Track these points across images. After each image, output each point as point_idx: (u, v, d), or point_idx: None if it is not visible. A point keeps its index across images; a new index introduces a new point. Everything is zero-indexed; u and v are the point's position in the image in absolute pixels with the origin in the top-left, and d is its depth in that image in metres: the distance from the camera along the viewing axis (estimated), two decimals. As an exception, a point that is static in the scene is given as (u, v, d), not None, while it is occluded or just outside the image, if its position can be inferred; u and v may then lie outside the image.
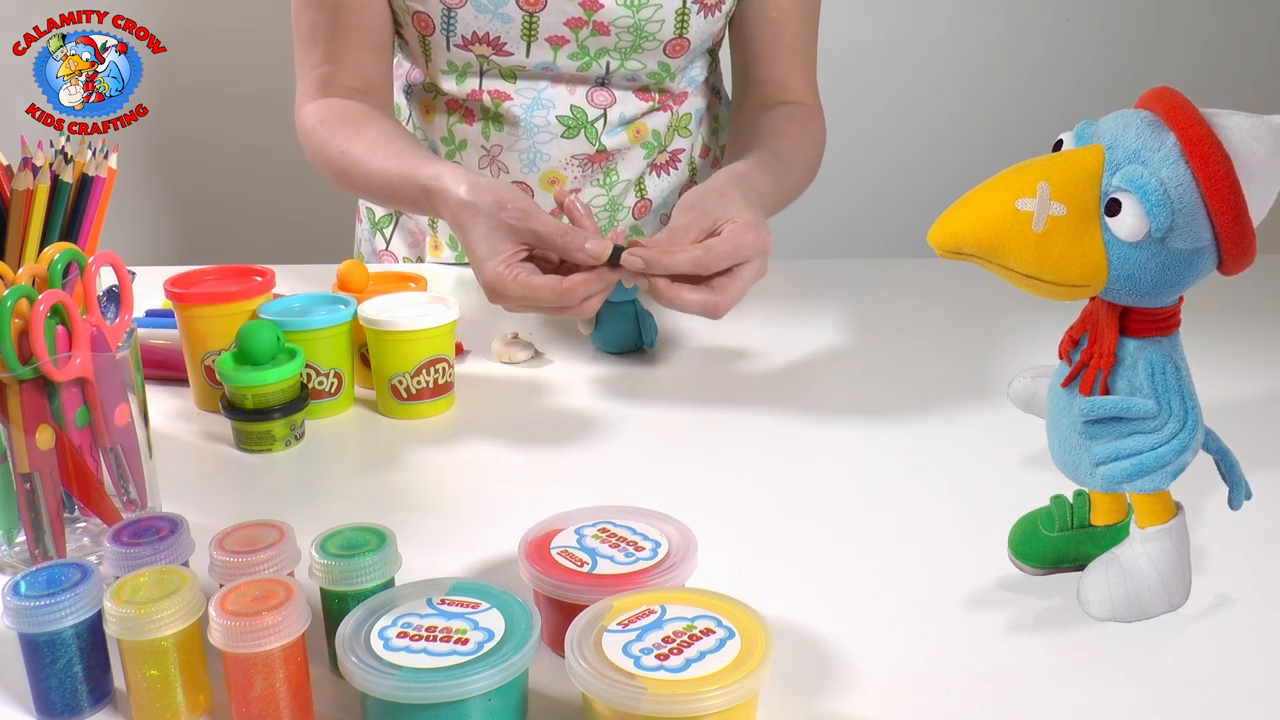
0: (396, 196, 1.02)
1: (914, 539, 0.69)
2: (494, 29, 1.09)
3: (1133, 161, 0.50)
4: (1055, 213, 0.50)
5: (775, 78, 1.19)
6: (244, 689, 0.51)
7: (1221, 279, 0.54)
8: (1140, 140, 0.51)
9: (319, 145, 1.11)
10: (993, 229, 0.51)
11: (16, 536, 0.66)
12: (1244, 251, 0.52)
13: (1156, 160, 0.50)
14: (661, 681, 0.47)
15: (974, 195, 0.52)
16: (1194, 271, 0.52)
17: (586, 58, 1.12)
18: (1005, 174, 0.52)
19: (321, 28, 1.12)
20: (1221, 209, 0.50)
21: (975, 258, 0.52)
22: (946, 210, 0.52)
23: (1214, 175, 0.50)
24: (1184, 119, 0.50)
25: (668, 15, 1.10)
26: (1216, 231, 0.51)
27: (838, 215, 1.86)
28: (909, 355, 0.99)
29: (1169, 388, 0.54)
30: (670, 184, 1.24)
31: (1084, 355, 0.56)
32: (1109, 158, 0.51)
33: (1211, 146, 0.50)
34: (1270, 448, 0.78)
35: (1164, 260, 0.51)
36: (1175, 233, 0.50)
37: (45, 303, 0.61)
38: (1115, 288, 0.52)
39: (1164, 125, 0.51)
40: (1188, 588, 0.57)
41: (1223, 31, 2.03)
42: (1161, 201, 0.49)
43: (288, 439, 0.82)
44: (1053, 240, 0.50)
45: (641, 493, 0.72)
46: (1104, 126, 0.52)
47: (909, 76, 2.05)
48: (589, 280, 0.85)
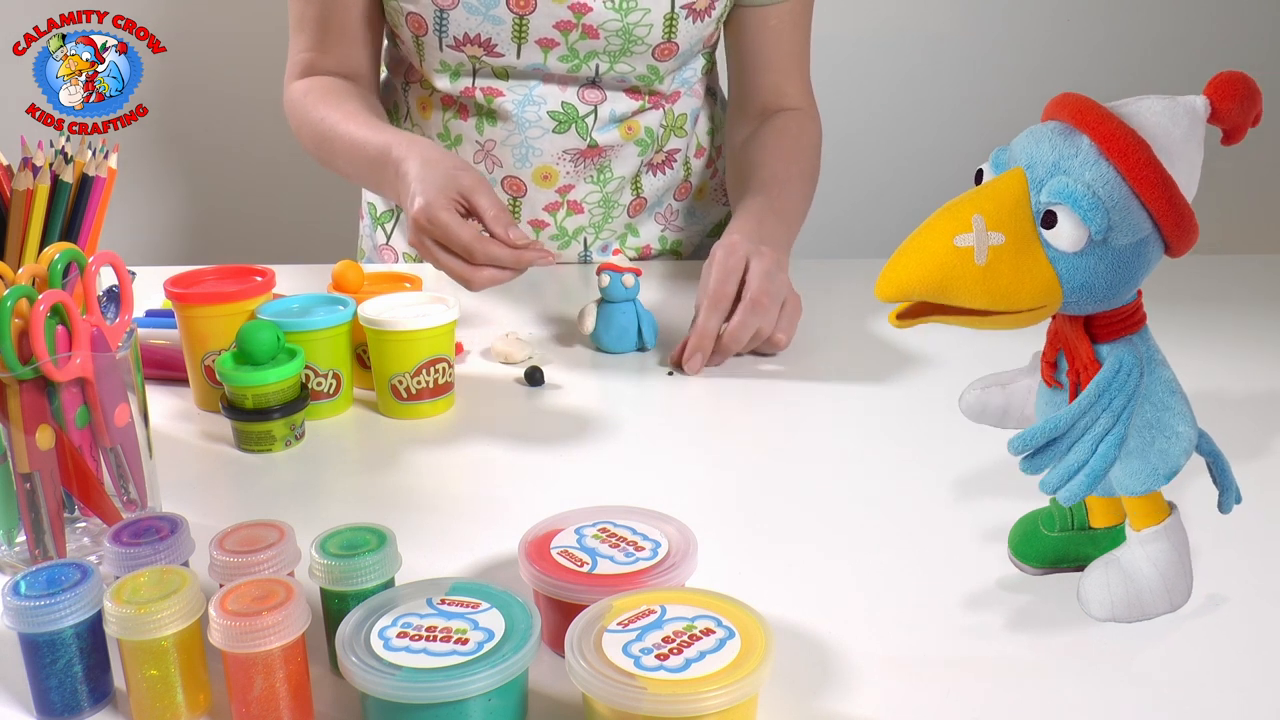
0: (366, 158, 1.06)
1: (914, 539, 0.69)
2: (485, 30, 1.10)
3: (1055, 173, 0.50)
4: (994, 242, 0.50)
5: (773, 84, 1.21)
6: (244, 689, 0.51)
7: (1190, 278, 0.54)
8: (1056, 151, 0.51)
9: (302, 116, 1.15)
10: (936, 271, 0.50)
11: (16, 536, 0.66)
12: (1186, 231, 0.52)
13: (1077, 166, 0.50)
14: (661, 681, 0.47)
15: (911, 242, 0.52)
16: (1144, 263, 0.52)
17: (576, 60, 1.13)
18: (938, 215, 0.52)
19: (310, 19, 1.17)
20: (1153, 195, 0.50)
21: (927, 315, 0.52)
22: (887, 262, 0.52)
23: (1136, 164, 0.50)
24: (1092, 119, 0.51)
25: (656, 20, 1.11)
26: (1155, 218, 0.51)
27: (838, 215, 1.86)
28: (909, 355, 0.99)
29: (1122, 388, 0.53)
30: (665, 183, 1.24)
31: (1070, 375, 0.55)
32: (1031, 176, 0.51)
33: (1127, 138, 0.50)
34: (1262, 444, 0.78)
35: (1112, 260, 0.51)
36: (1115, 230, 0.50)
37: (45, 303, 0.61)
38: (1072, 300, 0.52)
39: (1075, 130, 0.51)
40: (1189, 588, 0.57)
41: (1223, 31, 2.03)
42: (1093, 204, 0.49)
43: (288, 439, 0.82)
44: (998, 270, 0.50)
45: (641, 493, 0.72)
46: (1017, 147, 0.53)
47: (909, 76, 2.05)
48: (505, 254, 0.91)
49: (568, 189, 1.19)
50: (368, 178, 1.09)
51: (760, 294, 0.94)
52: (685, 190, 1.27)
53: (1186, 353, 0.62)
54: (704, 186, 1.29)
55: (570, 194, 1.20)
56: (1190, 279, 1.04)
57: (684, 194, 1.27)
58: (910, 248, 0.51)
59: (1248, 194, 1.94)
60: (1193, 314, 1.01)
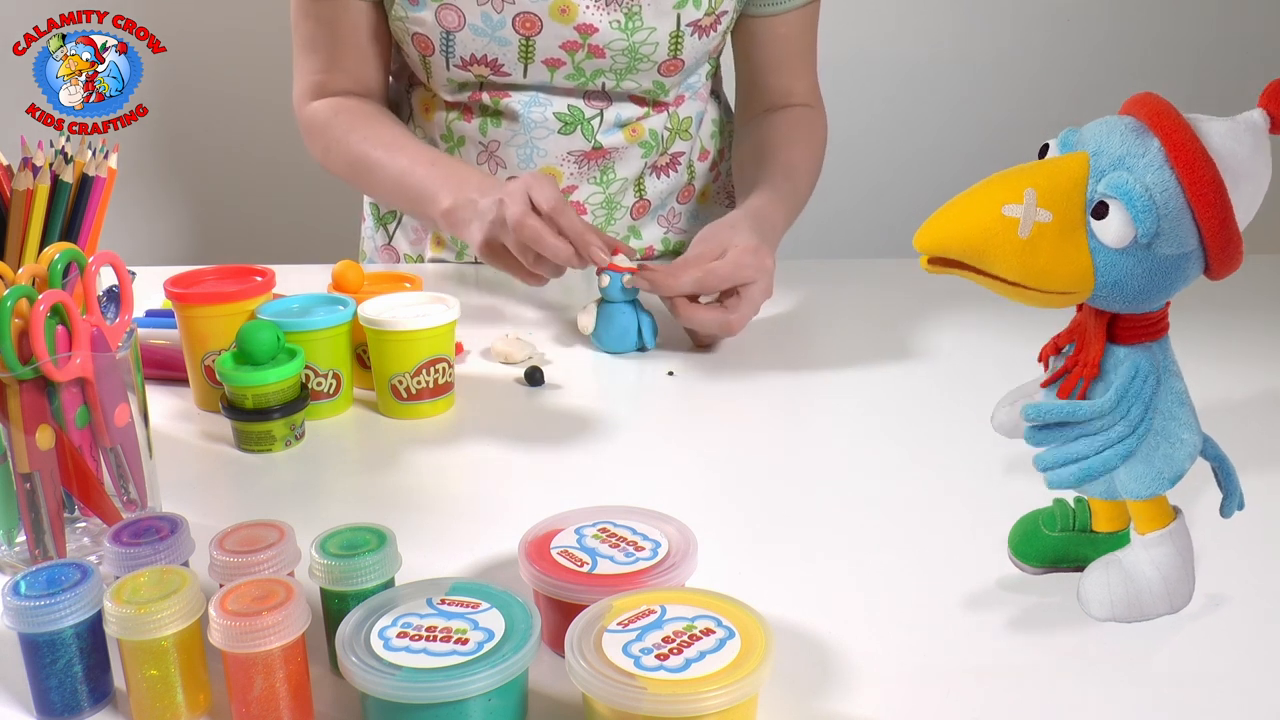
0: (407, 190, 1.09)
1: (914, 539, 0.69)
2: (492, 51, 1.10)
3: (1118, 168, 0.50)
4: (1041, 219, 0.50)
5: (782, 85, 1.21)
6: (244, 689, 0.51)
7: (1200, 279, 0.54)
8: (1125, 146, 0.51)
9: (331, 139, 1.15)
10: (978, 234, 0.50)
11: (16, 536, 0.66)
12: (1231, 256, 0.52)
13: (1141, 166, 0.50)
14: (661, 681, 0.47)
15: (960, 201, 0.52)
16: (1181, 277, 0.52)
17: (583, 78, 1.13)
18: (991, 180, 0.52)
19: (320, 41, 1.16)
20: (1207, 214, 0.50)
21: (959, 269, 0.52)
22: (932, 215, 0.52)
23: (1199, 180, 0.50)
24: (1168, 124, 0.50)
25: (662, 38, 1.11)
26: (1203, 236, 0.51)
27: (838, 215, 1.86)
28: (909, 355, 0.99)
29: (1139, 395, 0.54)
30: (669, 186, 1.24)
31: (1069, 361, 0.55)
32: (1094, 164, 0.51)
33: (1196, 151, 0.50)
34: (1266, 448, 0.78)
35: (1150, 266, 0.51)
36: (1161, 238, 0.50)
37: (45, 303, 0.61)
38: (1102, 294, 0.52)
39: (1148, 131, 0.51)
40: (1190, 591, 0.57)
41: (1223, 31, 2.03)
42: (1147, 207, 0.49)
43: (288, 439, 0.82)
44: (1038, 247, 0.50)
45: (641, 493, 0.72)
46: (1088, 133, 0.52)
47: (910, 75, 2.05)
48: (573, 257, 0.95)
49: (571, 190, 1.19)
50: (408, 201, 1.11)
51: (744, 318, 0.96)
52: (689, 193, 1.27)
53: (1194, 355, 0.62)
54: (707, 189, 1.29)
55: (573, 195, 1.20)
56: (1200, 280, 1.03)
57: (687, 197, 1.27)
58: (957, 206, 0.51)
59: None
60: (1200, 315, 1.01)
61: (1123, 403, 0.53)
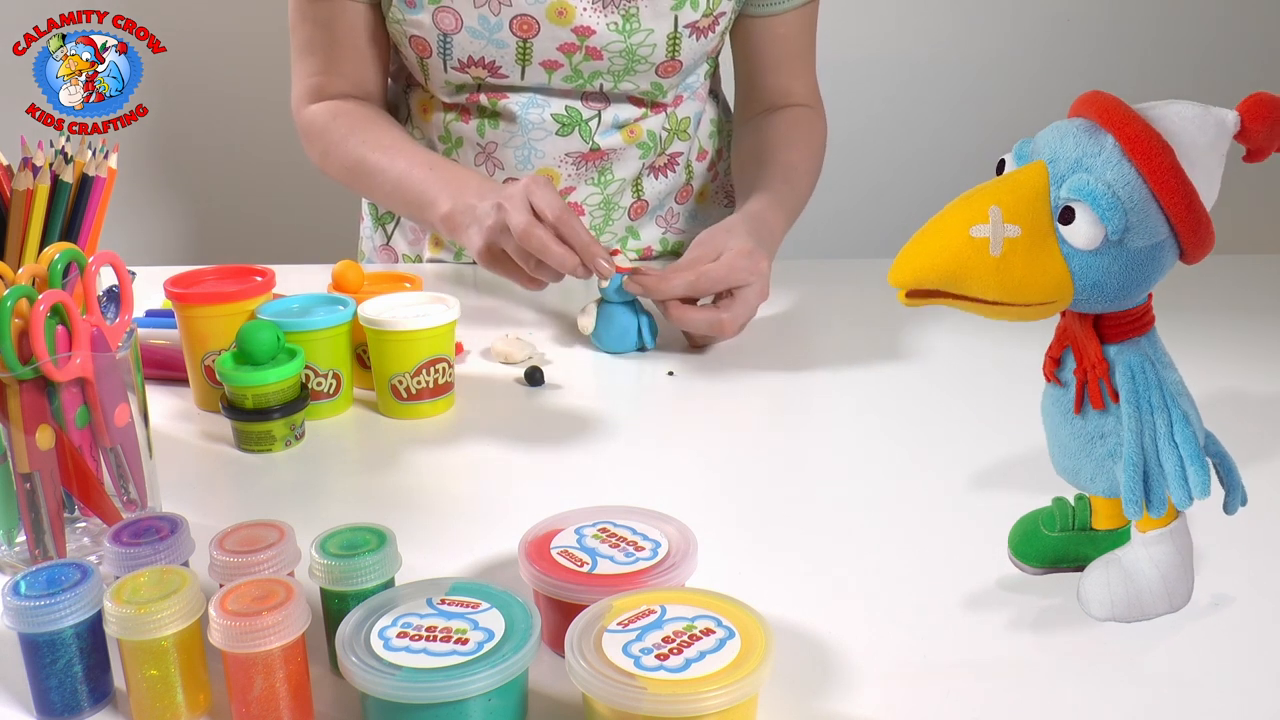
0: (405, 194, 1.08)
1: (914, 539, 0.69)
2: (489, 54, 1.10)
3: (1077, 170, 0.50)
4: (1010, 234, 0.50)
5: (781, 85, 1.21)
6: (244, 689, 0.51)
7: (1196, 278, 0.54)
8: (1080, 148, 0.51)
9: (333, 141, 1.15)
10: (951, 260, 0.50)
11: (16, 536, 0.66)
12: (1203, 238, 0.52)
13: (1099, 164, 0.50)
14: (661, 681, 0.47)
15: (927, 230, 0.52)
16: (1157, 267, 0.52)
17: (580, 80, 1.13)
18: (955, 204, 0.52)
19: (318, 43, 1.16)
20: (1172, 199, 0.50)
21: (938, 297, 0.52)
22: (902, 249, 0.52)
23: (1159, 168, 0.50)
24: (1119, 118, 0.50)
25: (659, 40, 1.11)
26: (1172, 223, 0.51)
27: (838, 215, 1.86)
28: (909, 355, 0.99)
29: (1147, 385, 0.53)
30: (667, 186, 1.24)
31: (1077, 374, 0.55)
32: (1053, 171, 0.51)
33: (1151, 140, 0.50)
34: (1266, 448, 0.78)
35: (1126, 261, 0.51)
36: (1131, 232, 0.50)
37: (45, 303, 0.61)
38: (1083, 297, 0.52)
39: (1100, 129, 0.51)
40: (1190, 590, 0.57)
41: (1223, 31, 2.03)
42: (1112, 204, 0.49)
43: (288, 439, 0.82)
44: (1012, 262, 0.50)
45: (641, 493, 0.72)
46: (1041, 141, 0.52)
47: (909, 75, 2.05)
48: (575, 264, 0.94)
49: (568, 191, 1.19)
50: (407, 206, 1.11)
51: (738, 319, 0.96)
52: (687, 193, 1.27)
53: (1193, 353, 0.62)
54: (705, 189, 1.29)
55: (571, 196, 1.20)
56: (1196, 278, 1.04)
57: (685, 197, 1.27)
58: (925, 236, 0.51)
59: (1250, 193, 1.94)
60: (1199, 314, 1.01)
61: (1140, 405, 0.53)
